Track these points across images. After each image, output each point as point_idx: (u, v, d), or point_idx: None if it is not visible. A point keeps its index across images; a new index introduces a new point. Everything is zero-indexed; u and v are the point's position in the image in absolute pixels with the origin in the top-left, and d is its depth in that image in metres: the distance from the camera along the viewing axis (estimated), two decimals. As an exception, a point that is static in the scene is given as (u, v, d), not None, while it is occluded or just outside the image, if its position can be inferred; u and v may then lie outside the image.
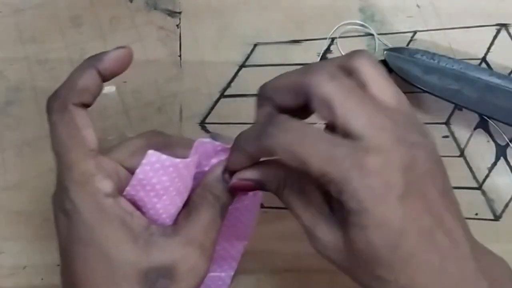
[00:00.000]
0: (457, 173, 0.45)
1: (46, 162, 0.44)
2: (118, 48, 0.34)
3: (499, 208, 0.45)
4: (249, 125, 0.44)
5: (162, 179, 0.34)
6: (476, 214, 0.45)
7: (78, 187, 0.32)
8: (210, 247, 0.34)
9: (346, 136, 0.30)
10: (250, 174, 0.35)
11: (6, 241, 0.44)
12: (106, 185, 0.33)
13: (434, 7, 0.45)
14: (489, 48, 0.45)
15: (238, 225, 0.41)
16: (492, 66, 0.45)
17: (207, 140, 0.37)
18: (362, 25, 0.45)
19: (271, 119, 0.33)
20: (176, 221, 0.35)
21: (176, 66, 0.44)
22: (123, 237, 0.32)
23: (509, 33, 0.45)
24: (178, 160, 0.34)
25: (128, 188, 0.34)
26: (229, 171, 0.36)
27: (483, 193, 0.45)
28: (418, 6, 0.45)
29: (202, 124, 0.44)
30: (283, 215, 0.45)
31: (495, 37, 0.45)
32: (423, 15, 0.45)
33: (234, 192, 0.36)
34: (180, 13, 0.45)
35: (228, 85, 0.45)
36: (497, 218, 0.45)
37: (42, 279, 0.44)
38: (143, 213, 0.35)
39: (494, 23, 0.45)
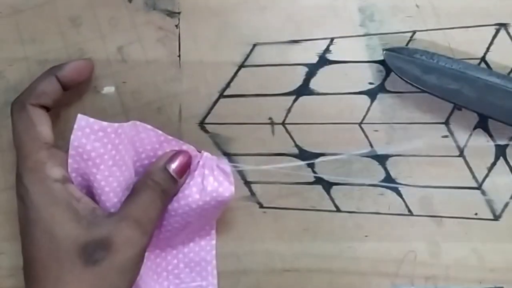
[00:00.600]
0: (456, 173, 0.45)
1: (45, 162, 0.44)
2: (79, 59, 0.42)
3: (498, 208, 0.45)
4: (248, 125, 0.44)
5: (95, 146, 0.37)
6: (476, 214, 0.45)
7: (30, 173, 0.37)
8: (148, 224, 0.38)
9: None
10: None
11: (5, 242, 0.44)
12: (56, 172, 0.37)
13: (433, 7, 0.45)
14: (488, 48, 0.45)
15: (202, 224, 0.43)
16: (491, 65, 0.45)
17: (149, 127, 0.40)
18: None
19: None
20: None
21: (175, 66, 0.44)
22: (67, 217, 0.36)
23: (508, 33, 0.45)
24: (105, 123, 0.37)
25: (69, 161, 0.38)
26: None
27: (483, 193, 0.45)
28: (417, 6, 0.45)
29: (201, 124, 0.44)
30: (283, 215, 0.45)
31: (494, 36, 0.45)
32: (422, 15, 0.45)
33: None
34: (179, 13, 0.45)
35: (228, 85, 0.45)
36: (496, 218, 0.45)
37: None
38: (93, 194, 0.38)
39: (494, 23, 0.45)
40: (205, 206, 0.41)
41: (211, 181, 0.40)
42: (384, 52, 0.43)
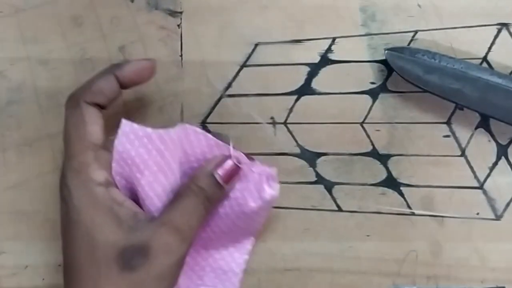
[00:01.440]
0: (458, 173, 0.45)
1: (47, 162, 0.44)
2: (141, 59, 0.39)
3: (500, 208, 0.45)
4: (250, 125, 0.44)
5: (140, 151, 0.36)
6: (477, 213, 0.45)
7: (74, 174, 0.36)
8: (188, 231, 0.37)
9: None
10: None
11: (7, 241, 0.44)
12: (99, 175, 0.36)
13: (435, 7, 0.45)
14: (490, 48, 0.45)
15: (237, 234, 0.42)
16: (493, 65, 0.45)
17: (200, 130, 0.39)
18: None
19: None
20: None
21: (177, 66, 0.44)
22: (108, 221, 0.35)
23: (510, 33, 0.45)
24: (150, 129, 0.36)
25: (113, 165, 0.37)
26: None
27: (484, 192, 0.45)
28: (419, 5, 0.45)
29: (203, 124, 0.44)
30: (284, 215, 0.45)
31: (496, 36, 0.45)
32: (424, 15, 0.45)
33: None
34: (181, 13, 0.45)
35: (229, 84, 0.45)
36: (498, 217, 0.45)
37: (43, 279, 0.44)
38: (135, 195, 0.37)
39: (495, 23, 0.45)
40: (259, 212, 0.40)
41: (267, 190, 0.39)
42: (386, 51, 0.43)
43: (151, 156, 0.37)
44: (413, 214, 0.45)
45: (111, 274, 0.35)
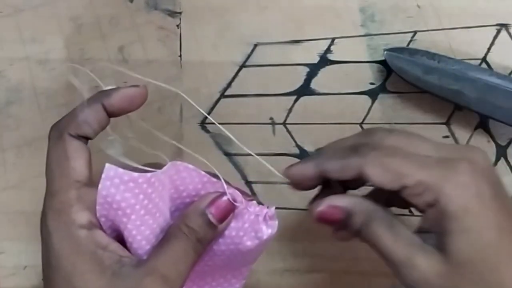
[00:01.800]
0: (457, 173, 0.45)
1: (46, 162, 0.44)
2: (131, 86, 0.35)
3: (499, 208, 0.45)
4: (249, 125, 0.44)
5: (125, 196, 0.33)
6: (476, 214, 0.45)
7: (55, 215, 0.33)
8: (177, 279, 0.34)
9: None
10: (340, 200, 0.35)
11: (6, 241, 0.44)
12: (82, 217, 0.33)
13: (434, 7, 0.45)
14: (489, 48, 0.45)
15: (242, 264, 0.40)
16: (492, 66, 0.45)
17: (191, 167, 0.36)
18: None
19: (359, 142, 0.35)
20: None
21: (176, 66, 0.45)
22: (90, 268, 0.33)
23: (509, 33, 0.45)
24: (136, 174, 0.33)
25: (98, 208, 0.34)
26: (291, 183, 0.36)
27: (484, 193, 0.45)
28: (418, 6, 0.45)
29: (202, 124, 0.44)
30: (283, 215, 0.45)
31: (495, 37, 0.45)
32: (423, 15, 0.45)
33: (322, 221, 0.35)
34: (180, 13, 0.45)
35: (229, 85, 0.45)
36: (497, 218, 0.45)
37: (42, 279, 0.44)
38: (122, 236, 0.35)
39: (494, 23, 0.45)
40: (257, 248, 0.37)
41: (264, 230, 0.36)
42: (385, 52, 0.43)
43: (138, 201, 0.34)
44: (412, 214, 0.45)
45: None
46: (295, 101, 0.45)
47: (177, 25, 0.45)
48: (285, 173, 0.37)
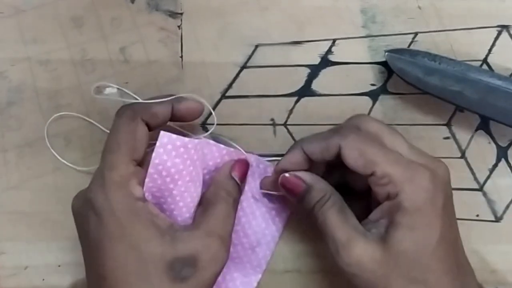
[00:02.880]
0: (458, 175, 0.45)
1: (47, 162, 0.44)
2: (196, 101, 0.40)
3: (500, 210, 0.45)
4: (250, 126, 0.44)
5: (175, 162, 0.37)
6: (477, 215, 0.45)
7: (115, 187, 0.36)
8: (228, 238, 0.38)
9: None
10: (304, 175, 0.39)
11: (7, 242, 0.44)
12: (139, 190, 0.37)
13: (435, 9, 0.45)
14: (490, 50, 0.45)
15: (246, 259, 0.44)
16: (493, 67, 0.45)
17: (212, 142, 0.41)
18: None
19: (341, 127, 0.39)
20: (194, 218, 0.39)
21: (177, 67, 0.45)
22: (152, 234, 0.36)
23: (510, 35, 0.45)
24: (187, 139, 0.37)
25: (146, 180, 0.37)
26: (278, 170, 0.40)
27: (484, 194, 0.45)
28: (419, 7, 0.45)
29: (203, 125, 0.44)
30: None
31: (496, 38, 0.45)
32: (424, 17, 0.45)
33: (285, 188, 0.40)
34: (181, 14, 0.45)
35: (229, 86, 0.45)
36: (498, 219, 0.45)
37: (43, 279, 0.44)
38: (163, 209, 0.38)
39: (495, 25, 0.45)
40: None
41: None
42: (386, 53, 0.43)
43: (185, 166, 0.37)
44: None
45: (162, 286, 0.35)
46: (296, 102, 0.45)
47: (178, 26, 0.45)
48: (276, 169, 0.40)
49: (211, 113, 0.44)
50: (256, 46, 0.45)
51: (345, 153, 0.37)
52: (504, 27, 0.45)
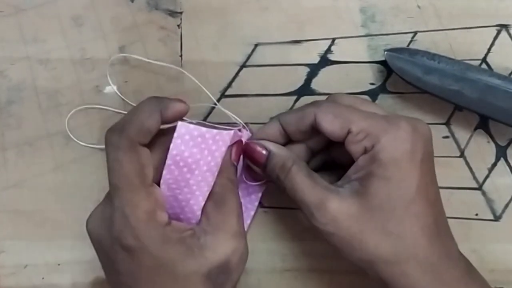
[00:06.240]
0: (457, 174, 0.45)
1: (47, 161, 0.44)
2: (180, 101, 0.37)
3: (499, 209, 0.45)
4: (250, 125, 0.44)
5: (193, 151, 0.37)
6: (476, 214, 0.45)
7: (143, 224, 0.35)
8: (243, 229, 0.38)
9: None
10: (266, 143, 0.40)
11: (7, 240, 0.44)
12: (164, 217, 0.36)
13: (434, 8, 0.45)
14: (489, 49, 0.45)
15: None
16: (492, 66, 0.45)
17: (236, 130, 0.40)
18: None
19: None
20: (207, 214, 0.38)
21: (177, 66, 0.45)
22: (184, 253, 0.36)
23: (509, 34, 0.45)
24: (204, 129, 0.37)
25: (164, 172, 0.37)
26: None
27: (483, 193, 0.45)
28: (418, 6, 0.45)
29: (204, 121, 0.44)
30: (283, 215, 0.45)
31: (495, 37, 0.45)
32: (423, 16, 0.45)
33: (248, 155, 0.40)
34: (181, 13, 0.45)
35: (229, 85, 0.45)
36: (497, 218, 0.45)
37: (43, 278, 0.44)
38: (179, 200, 0.38)
39: (495, 24, 0.45)
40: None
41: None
42: (385, 52, 0.43)
43: (203, 156, 0.37)
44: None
45: None
46: (296, 101, 0.45)
47: (178, 25, 0.45)
48: (256, 136, 0.41)
49: (210, 112, 0.44)
50: (256, 45, 0.45)
51: (320, 117, 0.37)
52: (503, 26, 0.45)
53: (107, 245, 0.36)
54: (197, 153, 0.37)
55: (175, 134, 0.36)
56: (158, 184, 0.37)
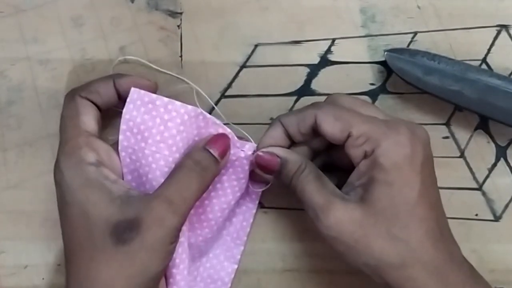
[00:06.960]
0: (457, 174, 0.45)
1: (47, 162, 0.44)
2: (145, 79, 0.41)
3: (499, 209, 0.45)
4: (249, 126, 0.44)
5: (144, 118, 0.38)
6: (476, 214, 0.45)
7: (66, 157, 0.38)
8: (181, 204, 0.37)
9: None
10: (277, 150, 0.40)
11: (7, 241, 0.44)
12: (90, 156, 0.38)
13: (434, 8, 0.45)
14: (489, 49, 0.45)
15: (228, 235, 0.44)
16: (492, 67, 0.45)
17: (208, 115, 0.40)
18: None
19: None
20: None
21: (177, 67, 0.45)
22: (101, 198, 0.36)
23: (509, 34, 0.45)
24: (154, 95, 0.38)
25: (120, 138, 0.39)
26: (262, 147, 0.40)
27: (483, 193, 0.45)
28: (418, 7, 0.45)
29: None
30: (283, 215, 0.45)
31: (495, 38, 0.45)
32: (423, 16, 0.45)
33: (261, 166, 0.40)
34: (181, 13, 0.45)
35: (229, 85, 0.45)
36: (497, 218, 0.45)
37: (43, 278, 0.44)
38: (140, 175, 0.39)
39: (495, 24, 0.45)
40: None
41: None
42: (386, 53, 0.43)
43: (155, 124, 0.38)
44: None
45: (105, 249, 0.35)
46: (296, 101, 0.45)
47: (178, 26, 0.45)
48: (260, 146, 0.40)
49: (210, 113, 0.44)
50: (256, 46, 0.45)
51: (321, 120, 0.37)
52: (503, 26, 0.45)
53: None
54: (149, 120, 0.38)
55: (128, 99, 0.38)
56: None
